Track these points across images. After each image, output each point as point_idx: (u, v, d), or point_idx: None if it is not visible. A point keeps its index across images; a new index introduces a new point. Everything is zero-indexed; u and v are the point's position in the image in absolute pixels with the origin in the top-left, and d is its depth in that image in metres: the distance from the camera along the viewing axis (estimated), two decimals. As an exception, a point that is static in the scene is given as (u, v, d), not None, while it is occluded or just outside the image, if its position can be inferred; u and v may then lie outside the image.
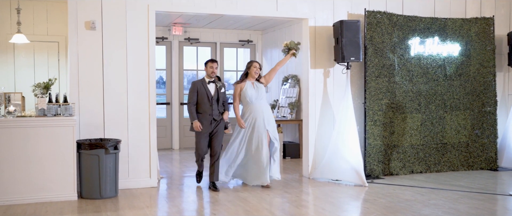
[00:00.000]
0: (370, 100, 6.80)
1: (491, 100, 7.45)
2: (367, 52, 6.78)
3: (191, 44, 10.41)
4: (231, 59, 10.96)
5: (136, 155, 6.16)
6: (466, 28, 7.34)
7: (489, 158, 7.48)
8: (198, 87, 6.06)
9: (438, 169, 7.25)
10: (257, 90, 6.31)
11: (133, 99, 6.14)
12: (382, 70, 6.87)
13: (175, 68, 10.31)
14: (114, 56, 6.06)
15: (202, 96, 6.05)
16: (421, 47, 7.10)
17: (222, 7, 6.50)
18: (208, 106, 6.06)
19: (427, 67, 7.14)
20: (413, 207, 5.16)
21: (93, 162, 5.52)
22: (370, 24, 6.81)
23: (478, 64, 7.39)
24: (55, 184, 5.43)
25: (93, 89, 5.99)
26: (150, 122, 6.22)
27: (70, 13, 5.88)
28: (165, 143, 10.30)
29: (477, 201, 5.47)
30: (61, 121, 5.46)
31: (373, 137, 6.82)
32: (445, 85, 7.24)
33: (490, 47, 7.44)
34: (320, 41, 6.90)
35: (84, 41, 5.94)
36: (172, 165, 8.17)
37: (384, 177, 6.83)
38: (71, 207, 5.21)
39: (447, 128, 7.27)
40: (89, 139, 5.79)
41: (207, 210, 5.21)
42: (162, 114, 10.45)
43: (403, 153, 7.04)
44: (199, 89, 6.06)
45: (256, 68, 6.34)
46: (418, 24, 7.09)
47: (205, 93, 6.05)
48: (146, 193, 5.91)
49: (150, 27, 6.19)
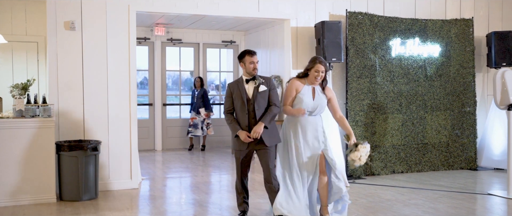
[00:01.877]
0: (351, 101, 6.84)
1: (470, 100, 7.55)
2: (349, 53, 6.82)
3: (173, 44, 10.35)
4: (214, 60, 10.93)
5: (117, 157, 6.10)
6: (446, 29, 7.42)
7: (469, 157, 7.57)
8: (233, 89, 4.57)
9: (419, 169, 7.32)
10: (318, 99, 4.56)
11: (113, 100, 6.08)
12: (363, 71, 6.91)
13: (157, 69, 10.24)
14: (94, 57, 5.99)
15: (237, 101, 4.53)
16: (402, 48, 7.16)
17: (203, 8, 6.48)
18: (245, 113, 4.49)
19: (408, 68, 7.21)
20: (394, 207, 5.20)
21: (73, 164, 5.45)
22: (352, 25, 6.84)
23: (458, 65, 7.48)
24: (34, 186, 5.35)
25: (73, 90, 5.91)
26: (131, 123, 6.17)
27: (49, 13, 5.80)
28: (147, 144, 10.22)
29: (456, 200, 5.53)
30: (40, 122, 5.38)
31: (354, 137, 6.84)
32: (426, 85, 7.32)
33: (469, 48, 7.54)
34: (302, 41, 6.92)
35: (63, 42, 5.87)
36: (154, 167, 8.12)
37: (365, 177, 6.87)
38: (49, 209, 5.13)
39: (428, 128, 7.34)
40: (68, 141, 5.71)
41: (190, 211, 5.17)
42: (145, 115, 10.38)
43: (384, 153, 7.09)
44: (233, 92, 4.56)
45: (319, 73, 4.49)
46: (399, 25, 7.15)
47: (240, 95, 4.53)
48: (126, 194, 5.86)
49: (131, 27, 6.14)
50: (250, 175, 7.21)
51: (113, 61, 6.07)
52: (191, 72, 10.78)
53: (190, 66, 10.68)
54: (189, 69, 10.74)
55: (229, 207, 5.31)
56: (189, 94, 10.48)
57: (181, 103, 10.72)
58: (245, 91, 4.48)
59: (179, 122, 10.53)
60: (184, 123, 10.41)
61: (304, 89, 4.52)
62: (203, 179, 6.92)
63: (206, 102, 9.85)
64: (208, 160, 8.79)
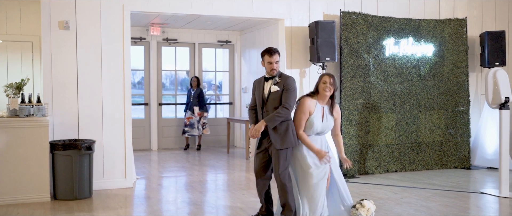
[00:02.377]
0: (345, 100, 6.87)
1: (464, 99, 7.59)
2: (343, 52, 6.85)
3: (169, 44, 10.37)
4: (210, 60, 10.95)
5: (111, 156, 6.12)
6: (440, 29, 7.46)
7: (463, 157, 7.62)
8: (256, 86, 4.52)
9: (412, 168, 7.35)
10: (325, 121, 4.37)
11: (108, 99, 6.10)
12: (357, 70, 6.95)
13: (153, 69, 10.25)
14: (88, 56, 6.01)
15: (257, 99, 4.47)
16: (396, 47, 7.20)
17: (198, 7, 6.50)
18: (260, 111, 4.41)
19: (401, 67, 7.24)
20: (386, 205, 5.24)
21: (67, 163, 5.47)
22: (345, 24, 6.88)
23: (451, 64, 7.53)
24: (28, 185, 5.37)
25: (67, 90, 5.93)
26: (125, 123, 6.18)
27: (43, 12, 5.82)
28: (143, 143, 10.24)
29: (448, 199, 5.57)
30: (34, 121, 5.40)
31: (348, 136, 6.88)
32: (419, 85, 7.35)
33: (463, 47, 7.58)
34: (296, 41, 6.95)
35: (57, 41, 5.88)
36: (150, 166, 8.14)
37: (359, 176, 6.91)
38: (43, 208, 5.15)
39: (422, 128, 7.38)
40: (63, 140, 5.73)
41: (184, 210, 5.19)
42: (141, 114, 10.40)
43: (378, 153, 7.13)
44: (255, 89, 4.52)
45: (326, 85, 4.32)
46: (393, 25, 7.19)
47: (259, 94, 4.45)
48: (121, 193, 5.87)
49: (125, 27, 6.16)
50: (245, 174, 7.25)
51: (108, 60, 6.09)
52: (187, 71, 10.80)
53: (186, 66, 10.70)
54: (185, 69, 10.76)
55: (224, 206, 5.33)
56: (185, 94, 10.49)
57: (177, 103, 10.74)
58: (262, 90, 4.40)
59: (174, 121, 10.55)
60: (180, 122, 10.43)
61: (316, 109, 4.30)
62: (198, 178, 6.94)
63: (201, 101, 9.88)
64: (203, 159, 8.81)
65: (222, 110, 11.36)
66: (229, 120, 9.68)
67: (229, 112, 11.03)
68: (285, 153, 4.25)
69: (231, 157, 9.11)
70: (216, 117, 10.96)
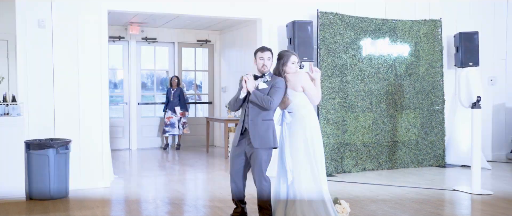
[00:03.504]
0: (323, 99, 6.94)
1: (439, 99, 7.74)
2: (320, 52, 6.93)
3: (148, 43, 10.33)
4: (189, 60, 10.95)
5: (88, 155, 6.08)
6: (415, 29, 7.60)
7: (437, 155, 7.76)
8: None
9: (389, 166, 7.47)
10: None
11: (85, 99, 6.06)
12: (334, 70, 7.03)
13: (132, 68, 10.20)
14: (65, 55, 5.96)
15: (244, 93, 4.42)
16: (373, 47, 7.30)
17: (176, 6, 6.50)
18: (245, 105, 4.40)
19: (378, 67, 7.35)
20: (361, 203, 5.32)
21: (43, 162, 5.42)
22: (323, 24, 6.95)
23: (427, 64, 7.66)
24: (2, 185, 5.31)
25: (43, 88, 5.87)
26: (102, 122, 6.15)
27: (18, 10, 5.75)
28: (122, 143, 10.18)
29: (422, 196, 5.68)
30: (9, 121, 5.35)
31: (326, 135, 6.96)
32: (396, 84, 7.47)
33: (438, 48, 7.73)
34: (275, 41, 7.00)
35: (33, 40, 5.82)
36: (129, 166, 8.10)
37: (337, 175, 6.99)
38: (18, 208, 5.10)
39: (398, 127, 7.50)
40: (39, 139, 5.68)
41: (163, 209, 5.19)
42: (120, 114, 10.34)
43: (355, 151, 7.22)
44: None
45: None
46: (370, 25, 7.29)
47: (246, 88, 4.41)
48: (97, 193, 5.84)
49: (103, 25, 6.12)
50: (224, 173, 7.27)
51: (84, 59, 6.05)
52: (166, 71, 10.77)
53: (165, 65, 10.67)
54: (164, 68, 10.73)
55: (203, 205, 5.34)
56: (165, 93, 10.47)
57: (156, 102, 10.71)
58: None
59: (154, 121, 10.52)
60: (159, 122, 10.40)
61: None
62: (177, 178, 6.94)
63: (182, 101, 9.88)
64: (183, 159, 8.81)
65: (202, 110, 11.36)
66: (209, 120, 9.69)
67: (209, 111, 11.04)
68: (262, 153, 4.28)
69: (211, 156, 9.12)
70: (196, 117, 10.96)
